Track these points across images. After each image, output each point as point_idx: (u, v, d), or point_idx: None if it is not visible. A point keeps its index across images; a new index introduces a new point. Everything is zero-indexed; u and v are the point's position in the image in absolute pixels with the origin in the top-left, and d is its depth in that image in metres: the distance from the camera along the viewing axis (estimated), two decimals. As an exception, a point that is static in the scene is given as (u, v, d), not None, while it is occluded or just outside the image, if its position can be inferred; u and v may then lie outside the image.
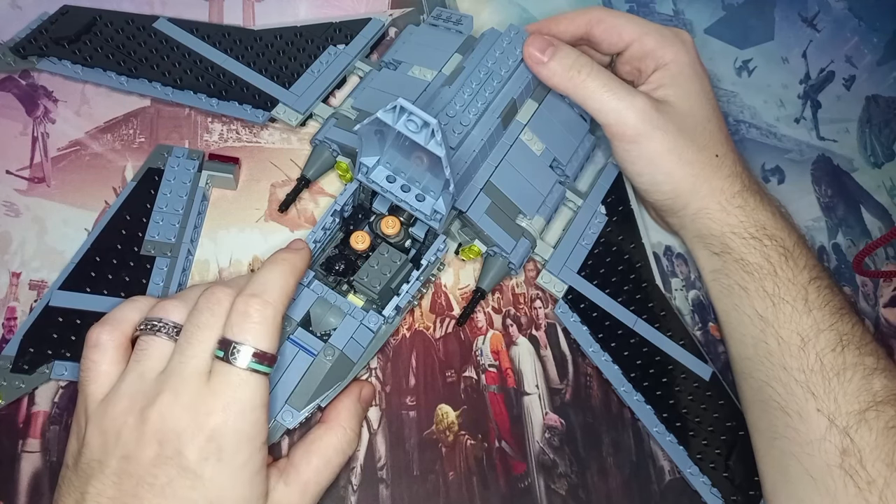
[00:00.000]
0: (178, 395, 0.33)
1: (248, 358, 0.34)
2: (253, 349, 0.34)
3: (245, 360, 0.34)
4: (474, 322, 0.48)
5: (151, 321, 0.36)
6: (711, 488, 0.44)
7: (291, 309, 0.41)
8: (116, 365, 0.35)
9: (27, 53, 0.50)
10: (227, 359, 0.34)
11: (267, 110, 0.50)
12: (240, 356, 0.34)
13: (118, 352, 0.36)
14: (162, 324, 0.36)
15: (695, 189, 0.45)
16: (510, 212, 0.47)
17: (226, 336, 0.34)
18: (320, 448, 0.38)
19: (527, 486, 0.44)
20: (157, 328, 0.35)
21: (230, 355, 0.34)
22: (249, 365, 0.34)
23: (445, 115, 0.46)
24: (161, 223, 0.46)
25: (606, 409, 0.47)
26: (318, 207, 0.50)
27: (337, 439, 0.39)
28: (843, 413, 0.38)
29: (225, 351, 0.34)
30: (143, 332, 0.36)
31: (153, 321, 0.36)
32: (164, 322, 0.36)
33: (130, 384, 0.34)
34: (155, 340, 0.35)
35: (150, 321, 0.36)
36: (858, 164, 0.59)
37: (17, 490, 0.40)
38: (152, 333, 0.35)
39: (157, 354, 0.35)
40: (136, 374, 0.35)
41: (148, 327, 0.36)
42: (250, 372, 0.34)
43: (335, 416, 0.40)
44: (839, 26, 0.65)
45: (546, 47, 0.46)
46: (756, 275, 0.43)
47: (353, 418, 0.40)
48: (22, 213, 0.47)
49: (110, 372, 0.35)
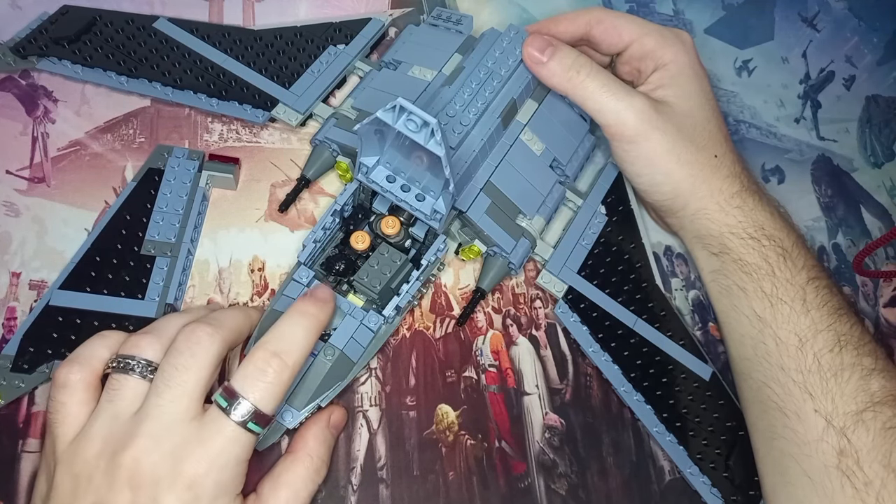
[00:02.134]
0: (157, 440, 0.32)
1: (246, 414, 0.33)
2: (254, 408, 0.33)
3: (242, 416, 0.33)
4: (474, 322, 0.48)
5: (124, 358, 0.34)
6: (711, 488, 0.44)
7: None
8: (86, 405, 0.34)
9: (27, 53, 0.50)
10: (226, 409, 0.33)
11: (267, 110, 0.50)
12: (239, 410, 0.33)
13: (87, 392, 0.34)
14: (135, 362, 0.34)
15: (694, 189, 0.45)
16: (510, 212, 0.47)
17: (233, 386, 0.33)
18: (288, 480, 0.37)
19: (527, 486, 0.44)
20: (129, 367, 0.34)
21: (231, 407, 0.33)
22: (246, 423, 0.33)
23: (445, 115, 0.46)
24: (161, 223, 0.46)
25: (606, 409, 0.47)
26: (318, 207, 0.50)
27: (304, 469, 0.38)
28: (840, 414, 0.38)
29: (228, 402, 0.33)
30: (115, 371, 0.34)
31: (125, 359, 0.34)
32: (138, 360, 0.34)
33: (102, 426, 0.33)
34: (128, 380, 0.34)
35: (122, 358, 0.34)
36: (858, 164, 0.59)
37: (17, 490, 0.40)
38: (124, 372, 0.34)
39: (130, 395, 0.34)
40: (108, 416, 0.33)
41: (120, 365, 0.34)
42: (243, 429, 0.33)
43: (302, 444, 0.39)
44: (839, 26, 0.65)
45: (545, 47, 0.46)
46: (754, 275, 0.43)
47: (321, 445, 0.39)
48: (22, 213, 0.47)
49: (79, 413, 0.34)
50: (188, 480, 0.32)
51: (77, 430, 0.34)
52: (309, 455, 0.38)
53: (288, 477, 0.37)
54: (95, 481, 0.32)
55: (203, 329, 0.35)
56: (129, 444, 0.32)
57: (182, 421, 0.33)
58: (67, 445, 0.33)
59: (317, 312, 0.37)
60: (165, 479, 0.32)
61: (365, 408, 0.45)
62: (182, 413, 0.33)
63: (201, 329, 0.35)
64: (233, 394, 0.33)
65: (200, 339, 0.34)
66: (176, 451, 0.32)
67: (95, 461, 0.32)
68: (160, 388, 0.33)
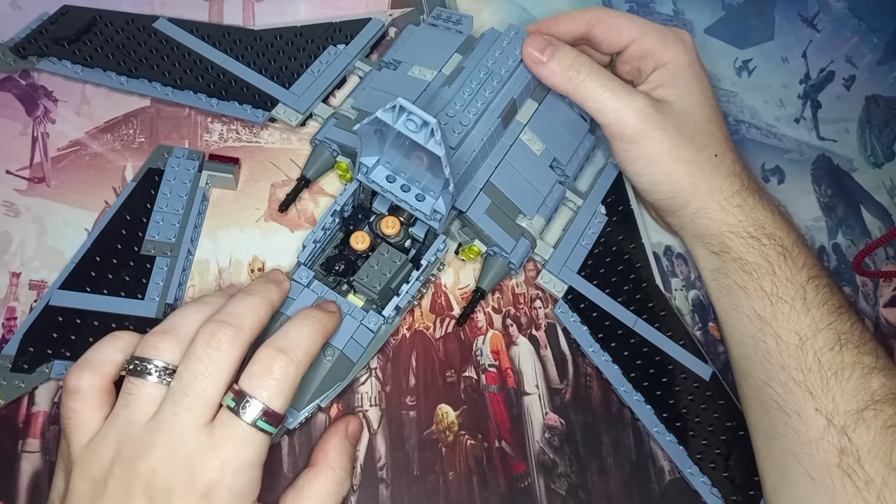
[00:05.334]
0: (173, 450, 0.32)
1: (257, 414, 0.32)
2: (264, 406, 0.33)
3: (253, 416, 0.32)
4: (474, 322, 0.48)
5: (141, 361, 0.33)
6: (711, 488, 0.44)
7: (291, 309, 0.41)
8: (99, 410, 0.33)
9: (27, 53, 0.50)
10: (236, 411, 0.32)
11: (267, 110, 0.50)
12: (249, 410, 0.32)
13: (100, 397, 0.34)
14: (152, 365, 0.33)
15: (694, 188, 0.45)
16: (510, 212, 0.47)
17: (241, 387, 0.33)
18: (311, 493, 0.37)
19: (527, 486, 0.44)
20: (146, 370, 0.33)
21: (241, 407, 0.32)
22: (257, 422, 0.32)
23: (445, 115, 0.46)
24: (161, 223, 0.46)
25: (606, 409, 0.47)
26: (318, 207, 0.50)
27: (328, 482, 0.37)
28: (840, 412, 0.38)
29: (237, 402, 0.32)
30: (131, 374, 0.33)
31: (142, 361, 0.33)
32: (154, 363, 0.33)
33: (118, 431, 0.32)
34: (144, 384, 0.33)
35: (140, 361, 0.33)
36: (858, 164, 0.59)
37: (17, 490, 0.40)
38: (141, 376, 0.33)
39: (146, 399, 0.33)
40: (123, 420, 0.33)
41: (137, 369, 0.33)
42: (256, 429, 0.33)
43: (323, 457, 0.39)
44: (839, 26, 0.65)
45: (545, 47, 0.46)
46: (754, 274, 0.43)
47: (342, 456, 0.39)
48: (22, 213, 0.47)
49: (93, 419, 0.33)
50: (203, 489, 0.31)
51: (91, 434, 0.33)
52: (332, 468, 0.38)
53: (311, 490, 0.37)
54: (111, 487, 0.32)
55: (224, 332, 0.33)
56: (147, 454, 0.32)
57: (199, 428, 0.32)
58: (83, 449, 0.33)
59: (322, 318, 0.37)
60: (180, 490, 0.31)
61: (365, 408, 0.45)
62: (199, 421, 0.32)
63: (222, 332, 0.33)
64: (241, 395, 0.33)
65: (221, 343, 0.33)
66: (190, 460, 0.32)
67: (111, 466, 0.32)
68: (177, 396, 0.32)
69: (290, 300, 0.41)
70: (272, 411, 0.33)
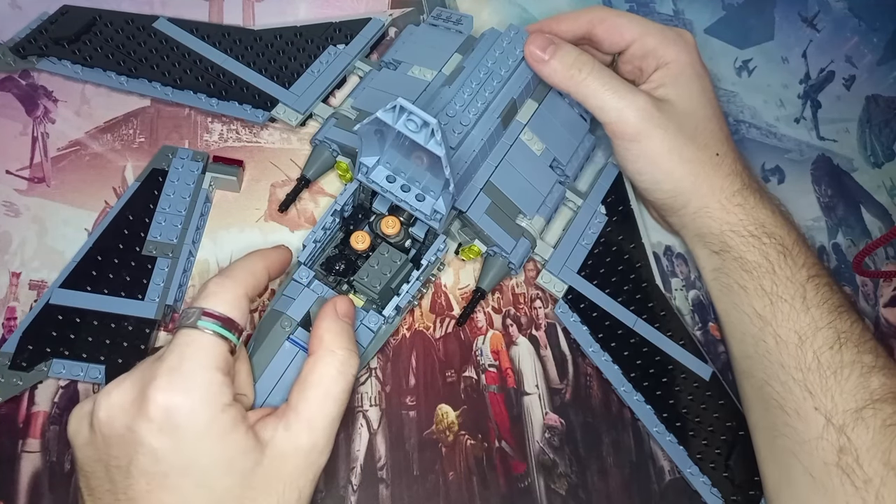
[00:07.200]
0: (129, 375, 0.34)
1: (196, 316, 0.34)
2: (202, 309, 0.34)
3: (193, 319, 0.34)
4: (474, 322, 0.48)
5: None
6: (711, 488, 0.44)
7: (291, 309, 0.41)
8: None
9: (27, 53, 0.50)
10: (181, 324, 0.34)
11: (267, 110, 0.50)
12: (191, 317, 0.34)
13: None
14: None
15: (695, 187, 0.45)
16: (510, 212, 0.47)
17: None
18: (314, 380, 0.36)
19: (527, 486, 0.44)
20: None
21: (184, 319, 0.34)
22: (199, 323, 0.34)
23: (445, 115, 0.46)
24: (163, 224, 0.46)
25: (606, 409, 0.47)
26: (318, 207, 0.50)
27: (329, 366, 0.36)
28: (839, 411, 0.38)
29: (184, 318, 0.34)
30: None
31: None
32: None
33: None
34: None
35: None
36: (858, 164, 0.59)
37: (17, 490, 0.40)
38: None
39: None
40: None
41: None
42: (200, 331, 0.34)
43: (318, 343, 0.37)
44: (839, 26, 0.65)
45: (547, 45, 0.46)
46: (755, 273, 0.43)
47: (339, 336, 0.37)
48: (22, 213, 0.47)
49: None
50: (153, 403, 0.32)
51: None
52: (330, 350, 0.36)
53: (314, 377, 0.36)
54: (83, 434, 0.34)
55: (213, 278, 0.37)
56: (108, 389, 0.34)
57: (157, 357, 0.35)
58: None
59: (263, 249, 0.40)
60: (132, 407, 0.32)
61: (365, 408, 0.45)
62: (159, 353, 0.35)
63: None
64: (186, 311, 0.35)
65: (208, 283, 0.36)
66: (140, 378, 0.33)
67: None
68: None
69: (290, 300, 0.41)
70: (210, 311, 0.34)
